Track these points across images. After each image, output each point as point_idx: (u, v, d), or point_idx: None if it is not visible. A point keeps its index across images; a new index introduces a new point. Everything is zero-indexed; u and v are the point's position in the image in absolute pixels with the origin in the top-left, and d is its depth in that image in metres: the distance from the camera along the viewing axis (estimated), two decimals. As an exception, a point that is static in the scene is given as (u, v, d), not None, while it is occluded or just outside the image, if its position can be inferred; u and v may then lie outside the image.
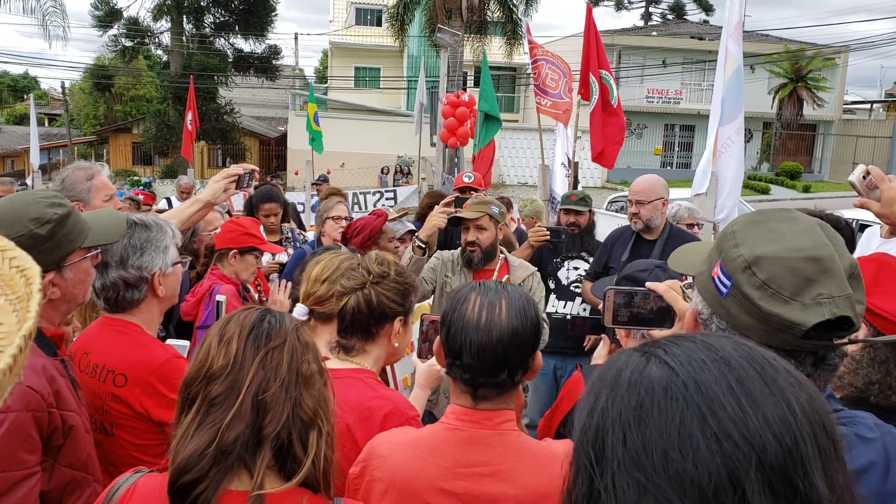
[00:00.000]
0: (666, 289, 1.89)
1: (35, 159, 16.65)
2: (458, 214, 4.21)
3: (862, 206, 2.72)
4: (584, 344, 4.82)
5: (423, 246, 4.13)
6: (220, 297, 3.55)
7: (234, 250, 3.86)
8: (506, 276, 4.20)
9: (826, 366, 1.26)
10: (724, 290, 1.28)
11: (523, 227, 7.43)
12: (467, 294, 1.78)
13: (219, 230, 4.09)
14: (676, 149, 36.59)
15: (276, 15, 33.81)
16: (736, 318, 1.26)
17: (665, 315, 1.94)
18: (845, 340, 1.24)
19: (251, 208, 5.70)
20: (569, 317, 5.08)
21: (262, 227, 3.99)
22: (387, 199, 15.50)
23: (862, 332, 2.04)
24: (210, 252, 4.01)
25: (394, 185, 23.58)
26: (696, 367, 0.80)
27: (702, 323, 1.35)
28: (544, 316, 4.32)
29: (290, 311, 2.58)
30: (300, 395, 1.47)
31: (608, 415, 0.80)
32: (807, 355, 1.24)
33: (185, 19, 33.03)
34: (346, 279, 2.24)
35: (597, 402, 0.83)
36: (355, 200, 13.62)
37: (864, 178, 2.73)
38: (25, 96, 49.52)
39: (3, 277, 0.74)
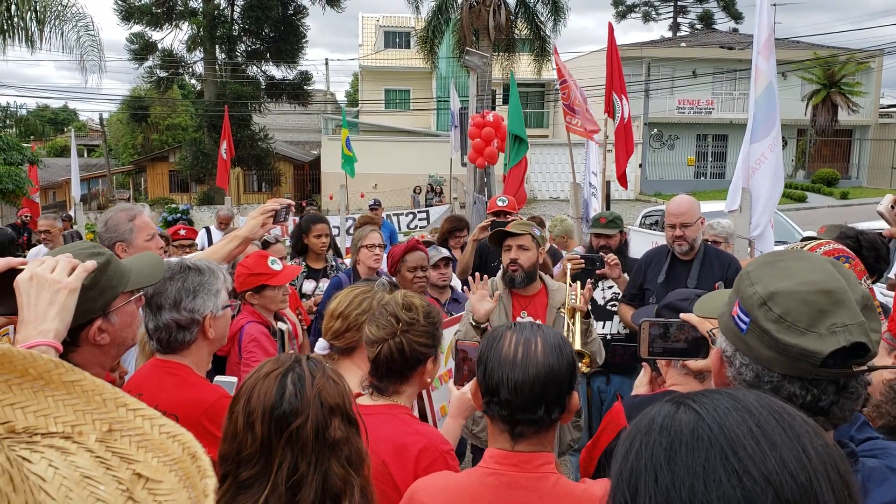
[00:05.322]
0: (700, 320, 1.92)
1: (76, 192, 16.97)
2: (503, 230, 4.21)
3: (892, 236, 2.73)
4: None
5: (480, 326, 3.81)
6: (282, 326, 3.61)
7: (249, 291, 3.98)
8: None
9: (849, 394, 1.30)
10: (743, 326, 1.34)
11: (555, 246, 7.46)
12: (503, 332, 1.82)
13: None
14: (710, 159, 36.26)
15: (306, 41, 34.28)
16: (757, 351, 1.31)
17: (699, 345, 1.98)
18: (864, 368, 1.28)
19: (300, 234, 5.83)
20: (608, 336, 5.08)
21: (270, 259, 4.05)
22: (420, 219, 15.61)
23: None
24: (235, 294, 4.12)
25: (426, 205, 23.71)
26: (721, 413, 0.88)
27: (726, 361, 1.40)
28: (598, 337, 4.35)
29: None
30: (329, 466, 1.52)
31: (642, 457, 0.88)
32: (829, 384, 1.28)
33: (217, 49, 33.65)
34: (375, 327, 2.27)
35: (631, 446, 0.91)
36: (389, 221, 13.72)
37: (892, 207, 2.74)
38: (66, 129, 50.79)
39: (153, 442, 0.79)
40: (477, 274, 3.89)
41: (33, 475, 0.66)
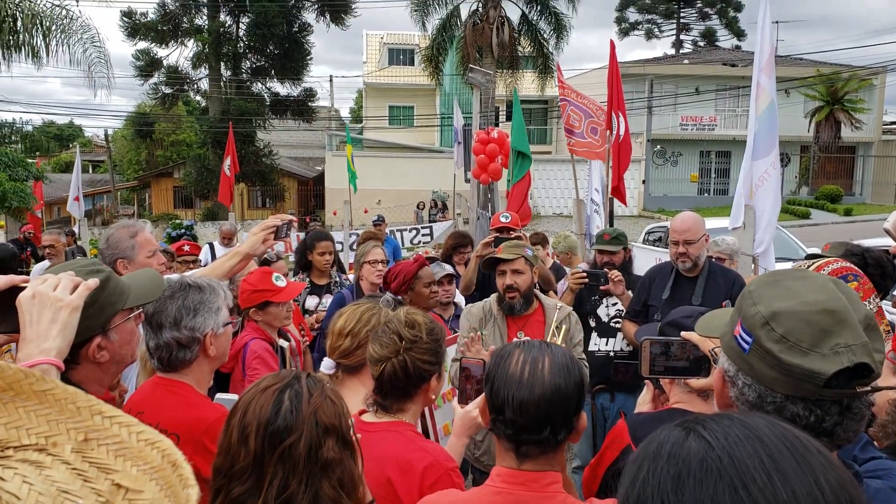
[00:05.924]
0: (701, 338, 1.91)
1: (72, 210, 16.50)
2: (495, 255, 4.20)
3: None
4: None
5: None
6: (283, 343, 3.59)
7: (253, 307, 3.99)
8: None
9: (852, 414, 1.29)
10: (746, 346, 1.32)
11: (558, 262, 7.46)
12: (511, 350, 1.81)
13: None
14: (713, 175, 36.28)
15: (311, 58, 34.38)
16: (760, 372, 1.30)
17: (701, 364, 1.96)
18: (868, 388, 1.27)
19: (304, 250, 5.83)
20: (612, 353, 5.06)
21: (274, 276, 4.05)
22: (423, 234, 15.63)
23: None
24: (238, 311, 4.12)
25: (430, 220, 23.76)
26: (732, 442, 0.85)
27: (729, 381, 1.39)
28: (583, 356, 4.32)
29: None
30: (320, 487, 1.51)
31: (649, 484, 0.86)
32: (832, 404, 1.27)
33: (222, 66, 33.81)
34: (378, 346, 2.25)
35: (639, 472, 0.89)
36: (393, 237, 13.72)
37: None
38: (71, 145, 50.98)
39: (132, 451, 0.77)
40: (469, 337, 3.66)
41: (7, 494, 0.64)
